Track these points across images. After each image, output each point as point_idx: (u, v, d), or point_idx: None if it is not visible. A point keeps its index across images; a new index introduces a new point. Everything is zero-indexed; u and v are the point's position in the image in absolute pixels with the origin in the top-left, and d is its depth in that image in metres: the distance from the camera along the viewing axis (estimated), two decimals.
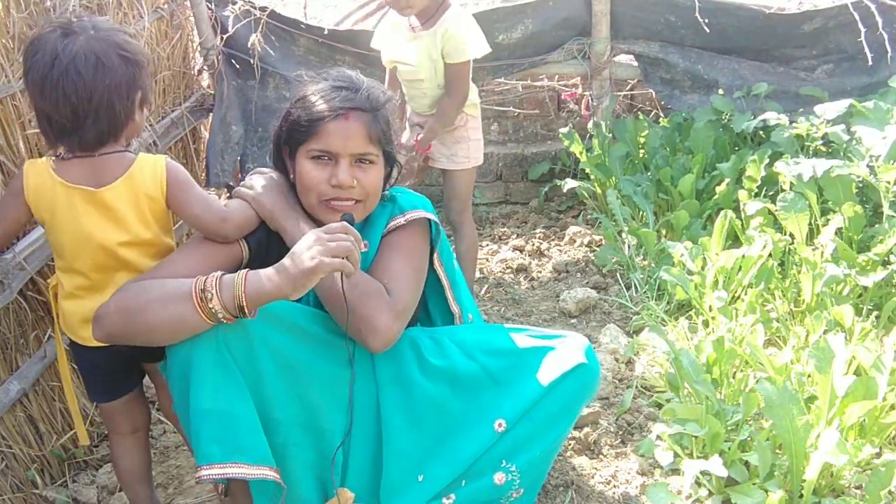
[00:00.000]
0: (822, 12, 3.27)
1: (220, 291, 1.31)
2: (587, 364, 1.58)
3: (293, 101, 1.54)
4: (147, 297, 1.34)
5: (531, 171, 3.85)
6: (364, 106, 1.50)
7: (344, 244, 1.30)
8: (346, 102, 1.49)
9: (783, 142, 2.94)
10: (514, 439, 1.56)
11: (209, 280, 1.32)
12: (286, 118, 1.54)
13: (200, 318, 1.31)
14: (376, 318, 1.44)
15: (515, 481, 1.56)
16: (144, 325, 1.34)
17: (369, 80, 1.58)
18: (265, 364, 1.39)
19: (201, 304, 1.30)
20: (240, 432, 1.34)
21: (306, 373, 1.45)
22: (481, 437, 1.55)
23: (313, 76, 1.57)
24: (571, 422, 1.65)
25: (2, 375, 1.85)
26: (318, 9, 4.36)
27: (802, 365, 2.00)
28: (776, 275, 2.44)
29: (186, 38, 3.16)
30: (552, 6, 3.39)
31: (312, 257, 1.28)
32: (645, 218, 3.10)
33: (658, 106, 3.85)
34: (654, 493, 1.67)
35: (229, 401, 1.34)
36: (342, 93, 1.50)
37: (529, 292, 2.90)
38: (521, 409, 1.55)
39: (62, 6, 2.08)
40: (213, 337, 1.34)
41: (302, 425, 1.46)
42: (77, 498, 1.92)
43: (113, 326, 1.36)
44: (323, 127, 1.48)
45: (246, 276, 1.32)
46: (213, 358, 1.34)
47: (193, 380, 1.33)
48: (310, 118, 1.48)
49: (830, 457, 1.53)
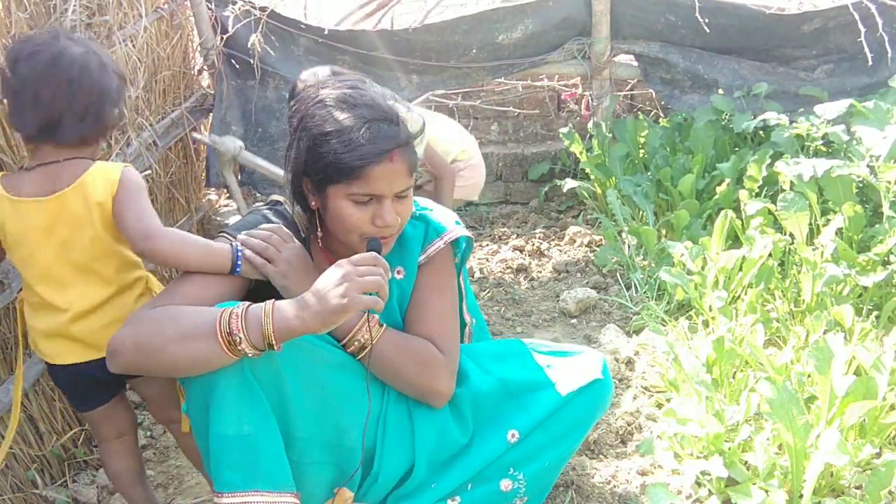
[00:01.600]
0: (822, 13, 3.27)
1: (247, 332, 1.23)
2: (602, 380, 1.58)
3: (320, 133, 1.36)
4: (165, 333, 1.26)
5: (531, 171, 3.85)
6: (406, 141, 1.39)
7: (374, 279, 1.24)
8: (391, 143, 1.35)
9: (783, 142, 2.94)
10: (525, 449, 1.55)
11: (234, 321, 1.24)
12: (313, 151, 1.36)
13: (227, 357, 1.25)
14: (437, 385, 1.48)
15: (521, 489, 1.56)
16: (165, 363, 1.27)
17: (391, 94, 1.45)
18: (292, 385, 1.34)
19: (229, 346, 1.24)
20: (262, 459, 1.29)
21: (335, 395, 1.41)
22: (494, 446, 1.55)
23: (322, 87, 1.41)
24: (583, 435, 1.65)
25: (2, 375, 1.84)
26: (318, 9, 4.36)
27: (802, 365, 2.00)
28: (776, 275, 2.44)
29: (186, 38, 3.16)
30: (552, 6, 3.39)
31: (343, 295, 1.22)
32: (645, 218, 3.10)
33: (658, 106, 3.86)
34: (654, 493, 1.67)
35: (253, 425, 1.28)
36: (383, 129, 1.35)
37: (529, 292, 2.90)
38: (535, 421, 1.55)
39: (62, 6, 2.08)
40: (238, 363, 1.28)
41: (324, 444, 1.43)
42: (77, 498, 1.92)
43: (130, 363, 1.30)
44: (368, 171, 1.34)
45: (273, 314, 1.24)
46: (238, 383, 1.28)
47: (214, 405, 1.28)
48: (352, 162, 1.33)
49: (831, 457, 1.53)
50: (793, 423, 1.62)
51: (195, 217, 3.10)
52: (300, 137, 1.39)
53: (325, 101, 1.38)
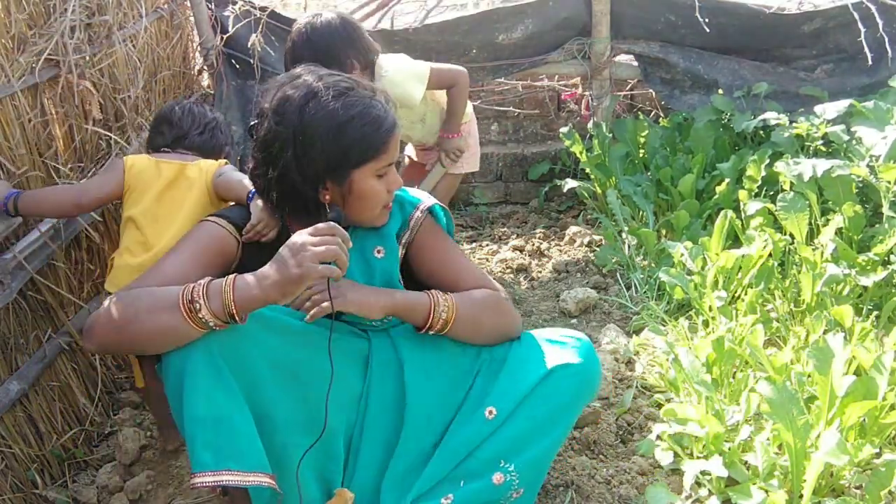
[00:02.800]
0: (822, 13, 3.27)
1: (208, 301, 1.29)
2: (583, 363, 1.58)
3: (339, 124, 1.40)
4: (136, 307, 1.31)
5: (531, 171, 3.85)
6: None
7: (332, 248, 1.27)
8: (393, 109, 1.49)
9: (783, 142, 2.94)
10: (512, 438, 1.55)
11: (196, 290, 1.30)
12: (335, 144, 1.41)
13: (191, 327, 1.30)
14: (513, 318, 1.63)
15: (514, 482, 1.56)
16: (135, 335, 1.31)
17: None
18: (260, 367, 1.38)
19: (190, 314, 1.29)
20: (233, 439, 1.32)
21: (306, 373, 1.44)
22: (472, 423, 1.55)
23: (296, 91, 1.42)
24: (570, 422, 1.64)
25: (2, 375, 1.85)
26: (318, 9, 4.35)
27: (802, 365, 2.00)
28: (776, 275, 2.44)
29: (186, 38, 3.16)
30: (552, 6, 3.39)
31: (299, 264, 1.26)
32: (645, 218, 3.10)
33: (658, 106, 3.86)
34: (654, 493, 1.67)
35: (222, 407, 1.32)
36: (381, 100, 1.47)
37: (529, 292, 2.90)
38: (511, 398, 1.55)
39: (62, 6, 2.08)
40: (205, 344, 1.32)
41: (304, 425, 1.44)
42: (77, 498, 1.92)
43: (103, 337, 1.33)
44: (391, 141, 1.45)
45: (234, 284, 1.30)
46: (206, 365, 1.32)
47: (187, 387, 1.31)
48: (383, 136, 1.44)
49: (831, 457, 1.53)
50: (793, 423, 1.62)
51: None
52: (306, 144, 1.41)
53: (321, 97, 1.41)
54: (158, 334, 1.31)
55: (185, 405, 1.31)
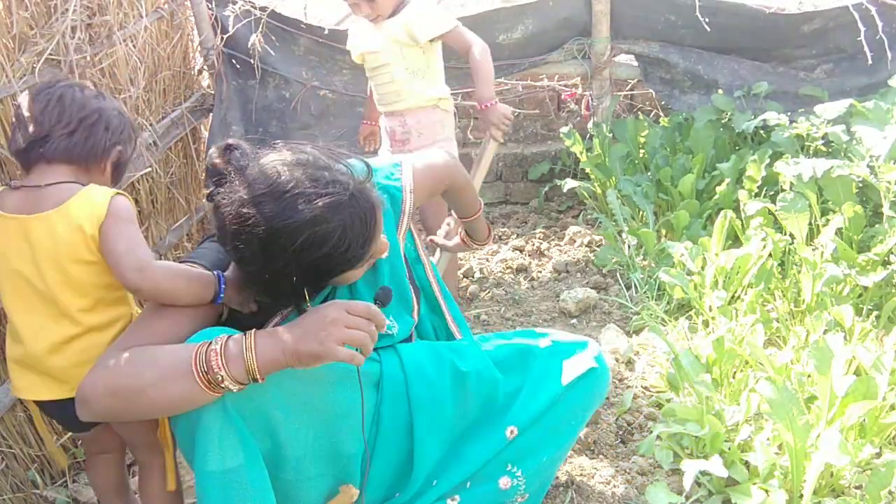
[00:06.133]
0: (823, 13, 3.27)
1: (228, 369, 1.18)
2: (597, 369, 1.59)
3: (325, 252, 1.21)
4: (143, 376, 1.20)
5: (531, 171, 3.85)
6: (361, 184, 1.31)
7: (359, 335, 1.19)
8: (375, 209, 1.29)
9: (783, 142, 2.94)
10: (523, 445, 1.56)
11: (211, 357, 1.19)
12: (317, 267, 1.24)
13: (209, 395, 1.20)
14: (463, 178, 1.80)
15: (521, 486, 1.56)
16: (144, 407, 1.22)
17: (324, 157, 1.29)
18: (275, 408, 1.32)
19: (209, 385, 1.19)
20: (244, 493, 1.27)
21: (322, 406, 1.39)
22: (493, 443, 1.55)
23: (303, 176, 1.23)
24: (579, 427, 1.65)
25: (2, 375, 1.84)
26: (318, 9, 4.36)
27: (802, 365, 2.00)
28: (776, 275, 2.44)
29: (186, 38, 3.16)
30: (552, 6, 3.39)
31: (322, 342, 1.17)
32: (645, 218, 3.10)
33: (658, 106, 3.85)
34: (654, 493, 1.67)
35: (235, 461, 1.26)
36: (360, 207, 1.25)
37: (529, 292, 2.90)
38: (532, 416, 1.55)
39: (63, 6, 2.08)
40: (220, 399, 1.24)
41: (321, 457, 1.41)
42: (77, 498, 1.92)
43: (105, 409, 1.23)
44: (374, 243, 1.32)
45: (255, 348, 1.19)
46: (218, 420, 1.25)
47: (199, 441, 1.26)
48: (367, 249, 1.29)
49: (831, 457, 1.53)
50: (793, 423, 1.62)
51: (195, 217, 3.10)
52: (286, 260, 1.21)
53: (302, 214, 1.19)
54: (170, 405, 1.22)
55: (197, 459, 1.26)
